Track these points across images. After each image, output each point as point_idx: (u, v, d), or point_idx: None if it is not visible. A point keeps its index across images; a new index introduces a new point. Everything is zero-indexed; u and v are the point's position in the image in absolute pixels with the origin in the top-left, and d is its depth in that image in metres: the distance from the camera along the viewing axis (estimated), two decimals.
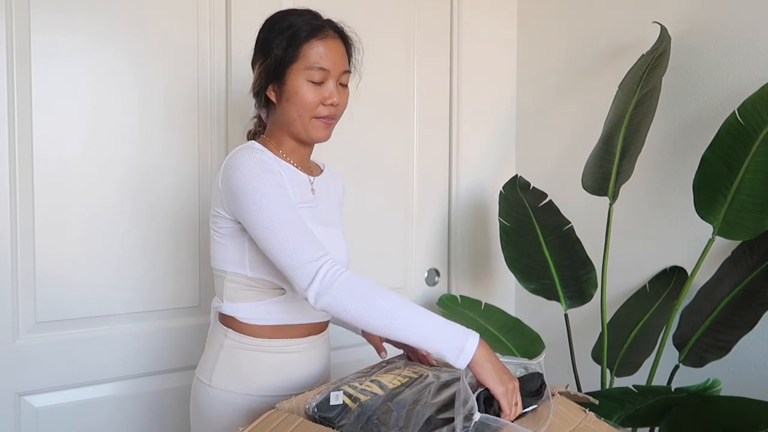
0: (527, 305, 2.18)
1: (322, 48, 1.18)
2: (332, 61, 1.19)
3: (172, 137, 1.64)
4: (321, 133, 1.23)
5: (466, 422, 0.87)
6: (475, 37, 2.13)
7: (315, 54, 1.18)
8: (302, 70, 1.18)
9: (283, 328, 1.22)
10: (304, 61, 1.18)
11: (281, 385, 1.20)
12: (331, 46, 1.19)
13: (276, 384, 1.20)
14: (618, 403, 1.36)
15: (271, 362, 1.21)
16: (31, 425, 1.51)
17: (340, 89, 1.22)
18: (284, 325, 1.22)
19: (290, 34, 1.18)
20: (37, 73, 1.47)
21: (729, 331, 1.42)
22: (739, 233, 1.41)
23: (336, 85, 1.21)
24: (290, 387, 1.21)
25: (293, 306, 1.22)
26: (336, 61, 1.20)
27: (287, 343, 1.22)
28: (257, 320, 1.21)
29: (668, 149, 1.72)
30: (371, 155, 1.95)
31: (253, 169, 1.12)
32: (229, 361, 1.21)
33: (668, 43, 1.60)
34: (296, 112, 1.20)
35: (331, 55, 1.19)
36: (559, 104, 2.07)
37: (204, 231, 1.70)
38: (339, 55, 1.21)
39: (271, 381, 1.20)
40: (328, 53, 1.19)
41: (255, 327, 1.21)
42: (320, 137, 1.24)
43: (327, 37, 1.19)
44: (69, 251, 1.53)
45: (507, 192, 1.90)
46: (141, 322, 1.63)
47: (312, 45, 1.18)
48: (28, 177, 1.47)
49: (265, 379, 1.20)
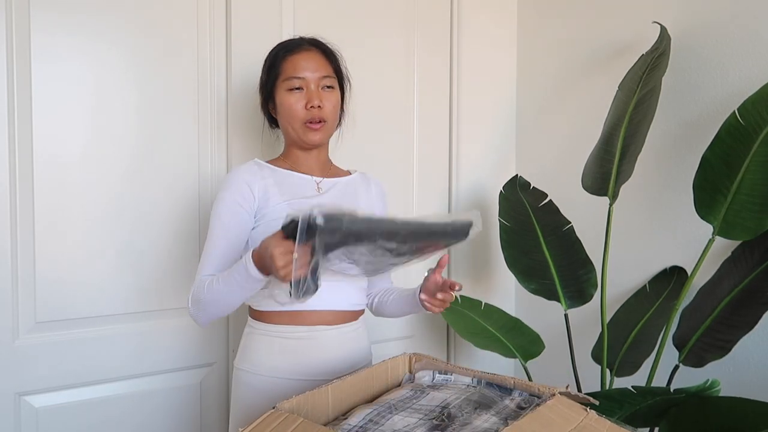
0: (527, 305, 2.18)
1: (296, 59, 1.32)
2: (308, 69, 1.32)
3: (172, 137, 1.64)
4: (311, 137, 1.33)
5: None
6: (475, 37, 2.13)
7: (290, 67, 1.32)
8: (282, 83, 1.33)
9: (292, 315, 1.29)
10: (283, 74, 1.33)
11: (292, 369, 1.28)
12: (305, 57, 1.33)
13: (286, 367, 1.28)
14: (617, 404, 1.36)
15: (282, 346, 1.29)
16: (31, 425, 1.51)
17: (324, 93, 1.33)
18: (292, 312, 1.29)
19: (271, 57, 1.37)
20: (37, 73, 1.47)
21: (729, 331, 1.42)
22: (739, 233, 1.41)
23: (318, 90, 1.32)
24: (302, 371, 1.27)
25: None
26: (312, 69, 1.32)
27: (296, 330, 1.29)
28: (267, 307, 1.31)
29: (668, 149, 1.72)
30: (371, 155, 1.95)
31: (229, 182, 1.30)
32: (248, 345, 1.34)
33: (668, 43, 1.60)
34: (287, 122, 1.34)
35: (305, 64, 1.32)
36: (559, 104, 2.07)
37: (204, 230, 1.70)
38: (315, 62, 1.33)
39: (281, 363, 1.28)
40: (302, 63, 1.32)
41: (266, 313, 1.31)
42: (312, 140, 1.34)
43: (301, 50, 1.33)
44: (69, 251, 1.52)
45: (507, 192, 1.90)
46: (141, 322, 1.63)
47: (287, 60, 1.33)
48: (28, 177, 1.47)
49: (276, 361, 1.29)
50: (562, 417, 0.97)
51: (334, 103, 1.34)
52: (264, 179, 1.31)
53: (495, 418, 0.98)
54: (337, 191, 1.38)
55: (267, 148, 1.68)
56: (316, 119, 1.31)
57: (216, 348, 1.74)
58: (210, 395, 1.74)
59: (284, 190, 1.32)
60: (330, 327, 1.31)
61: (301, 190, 1.34)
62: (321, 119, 1.32)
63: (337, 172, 1.44)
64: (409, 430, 0.94)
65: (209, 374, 1.73)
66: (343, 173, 1.44)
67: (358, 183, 1.44)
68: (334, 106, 1.35)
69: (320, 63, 1.33)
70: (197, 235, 1.69)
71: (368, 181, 1.47)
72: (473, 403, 1.04)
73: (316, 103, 1.30)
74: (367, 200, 1.43)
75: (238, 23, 1.70)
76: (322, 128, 1.33)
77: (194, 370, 1.71)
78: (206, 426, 1.74)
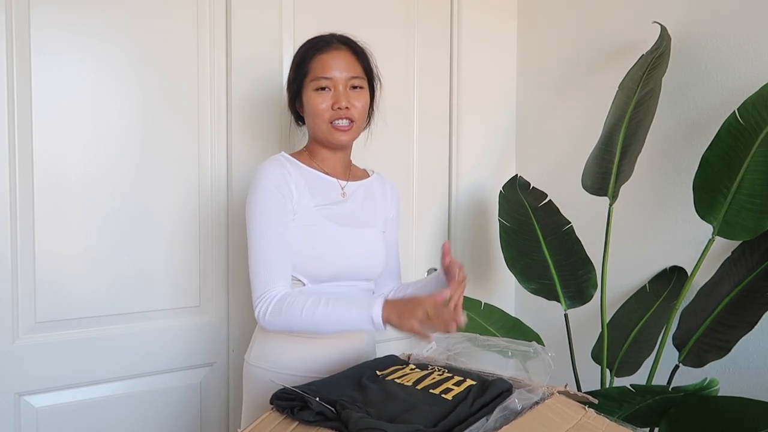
0: (527, 305, 2.17)
1: (325, 59, 1.31)
2: (336, 69, 1.30)
3: (172, 137, 1.64)
4: (338, 138, 1.33)
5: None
6: (475, 37, 2.13)
7: (318, 66, 1.31)
8: (310, 83, 1.31)
9: None
10: (311, 74, 1.31)
11: (307, 366, 1.29)
12: (334, 56, 1.31)
13: (300, 364, 1.30)
14: (616, 403, 1.36)
15: (296, 344, 1.30)
16: (31, 425, 1.51)
17: (352, 93, 1.32)
18: None
19: (300, 54, 1.35)
20: (37, 72, 1.47)
21: (729, 331, 1.42)
22: (739, 233, 1.41)
23: (346, 90, 1.31)
24: (312, 369, 1.28)
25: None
26: (342, 68, 1.31)
27: None
28: None
29: (668, 149, 1.72)
30: (371, 155, 1.94)
31: (265, 185, 1.27)
32: (261, 342, 1.35)
33: (668, 44, 1.60)
34: (314, 121, 1.33)
35: (334, 63, 1.30)
36: (559, 104, 2.07)
37: (204, 230, 1.70)
38: (345, 62, 1.31)
39: (296, 361, 1.30)
40: (331, 62, 1.30)
41: None
42: (339, 141, 1.33)
43: (330, 49, 1.32)
44: (69, 251, 1.53)
45: (507, 192, 1.90)
46: (141, 322, 1.63)
47: (316, 59, 1.31)
48: (28, 176, 1.47)
49: (292, 358, 1.31)
50: (561, 416, 0.97)
51: (363, 104, 1.34)
52: (295, 174, 1.31)
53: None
54: (359, 196, 1.40)
55: (284, 143, 1.69)
56: (344, 119, 1.31)
57: (216, 348, 1.74)
58: (210, 395, 1.74)
59: (313, 192, 1.32)
60: None
61: (328, 193, 1.35)
62: (349, 119, 1.31)
63: (358, 173, 1.46)
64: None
65: (209, 374, 1.73)
66: (363, 174, 1.46)
67: (376, 186, 1.46)
68: (363, 106, 1.34)
69: (349, 62, 1.32)
70: (197, 234, 1.69)
71: (384, 183, 1.49)
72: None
73: (344, 104, 1.29)
74: (383, 203, 1.46)
75: (239, 23, 1.70)
76: (350, 129, 1.33)
77: (194, 370, 1.71)
78: (206, 426, 1.74)
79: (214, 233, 1.71)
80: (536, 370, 1.14)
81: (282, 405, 0.99)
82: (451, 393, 1.00)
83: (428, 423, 0.92)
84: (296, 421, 0.97)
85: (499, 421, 0.92)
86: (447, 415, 0.93)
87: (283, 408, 0.99)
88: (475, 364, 1.15)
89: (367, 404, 0.97)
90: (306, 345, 1.31)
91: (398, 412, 0.94)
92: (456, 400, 0.98)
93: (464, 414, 0.94)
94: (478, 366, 1.14)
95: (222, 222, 1.72)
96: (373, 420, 0.90)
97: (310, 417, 0.95)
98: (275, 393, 1.02)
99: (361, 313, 1.18)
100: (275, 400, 1.01)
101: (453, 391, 1.00)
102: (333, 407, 0.95)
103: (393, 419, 0.92)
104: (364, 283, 1.39)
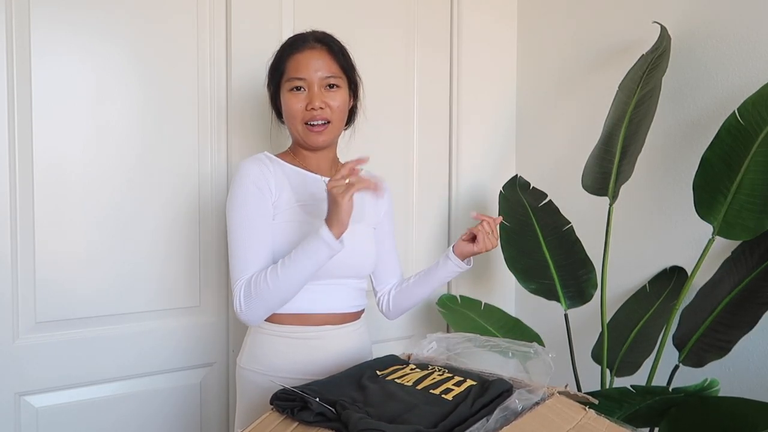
0: (527, 305, 2.18)
1: (300, 59, 1.29)
2: (311, 69, 1.28)
3: (172, 137, 1.64)
4: (313, 139, 1.31)
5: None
6: (475, 37, 2.13)
7: (293, 66, 1.29)
8: (285, 83, 1.30)
9: (299, 316, 1.30)
10: (286, 74, 1.30)
11: (300, 368, 1.28)
12: (308, 56, 1.29)
13: (293, 367, 1.28)
14: (616, 403, 1.36)
15: (288, 346, 1.30)
16: (31, 425, 1.51)
17: (328, 93, 1.29)
18: (300, 314, 1.30)
19: (277, 55, 1.33)
20: (37, 72, 1.47)
21: (729, 331, 1.42)
22: (739, 233, 1.41)
23: (321, 90, 1.28)
24: (306, 371, 1.27)
25: (306, 296, 1.29)
26: (316, 68, 1.28)
27: (305, 330, 1.30)
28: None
29: (668, 149, 1.72)
30: (371, 155, 1.94)
31: (243, 182, 1.26)
32: (253, 344, 1.33)
33: (668, 44, 1.60)
34: (290, 122, 1.32)
35: (308, 63, 1.28)
36: (559, 104, 2.07)
37: (204, 231, 1.70)
38: (320, 61, 1.29)
39: (289, 363, 1.29)
40: (305, 62, 1.28)
41: (274, 315, 1.29)
42: (314, 142, 1.31)
43: (305, 48, 1.30)
44: (69, 251, 1.52)
45: (507, 192, 1.90)
46: (141, 322, 1.63)
47: (291, 59, 1.30)
48: (28, 176, 1.47)
49: (285, 361, 1.29)
50: (561, 416, 0.97)
51: (339, 103, 1.30)
52: (276, 173, 1.30)
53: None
54: None
55: (273, 143, 1.67)
56: (318, 120, 1.28)
57: (216, 348, 1.74)
58: (210, 395, 1.74)
59: (296, 189, 1.31)
60: (335, 327, 1.33)
61: (312, 190, 1.32)
62: (324, 119, 1.29)
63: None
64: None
65: (209, 374, 1.73)
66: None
67: None
68: (339, 105, 1.31)
69: (324, 62, 1.29)
70: (197, 234, 1.69)
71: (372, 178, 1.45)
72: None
73: (317, 105, 1.27)
74: (373, 198, 1.40)
75: (238, 23, 1.70)
76: (326, 130, 1.30)
77: (194, 370, 1.71)
78: (206, 426, 1.74)
79: (214, 233, 1.71)
80: (536, 370, 1.14)
81: (282, 405, 0.99)
82: (452, 393, 1.00)
83: (428, 423, 0.92)
84: (296, 422, 0.97)
85: (500, 422, 0.92)
86: (447, 416, 0.93)
87: (283, 408, 0.99)
88: (475, 365, 1.15)
89: (367, 404, 0.97)
90: (298, 347, 1.29)
91: (398, 413, 0.94)
92: (456, 400, 0.98)
93: (464, 414, 0.94)
94: (478, 366, 1.14)
95: (222, 222, 1.72)
96: (374, 421, 0.90)
97: (310, 417, 0.95)
98: (275, 393, 1.02)
99: (315, 245, 1.18)
100: (275, 400, 1.01)
101: (453, 392, 1.00)
102: (333, 407, 0.95)
103: (393, 420, 0.92)
104: (354, 281, 1.35)
